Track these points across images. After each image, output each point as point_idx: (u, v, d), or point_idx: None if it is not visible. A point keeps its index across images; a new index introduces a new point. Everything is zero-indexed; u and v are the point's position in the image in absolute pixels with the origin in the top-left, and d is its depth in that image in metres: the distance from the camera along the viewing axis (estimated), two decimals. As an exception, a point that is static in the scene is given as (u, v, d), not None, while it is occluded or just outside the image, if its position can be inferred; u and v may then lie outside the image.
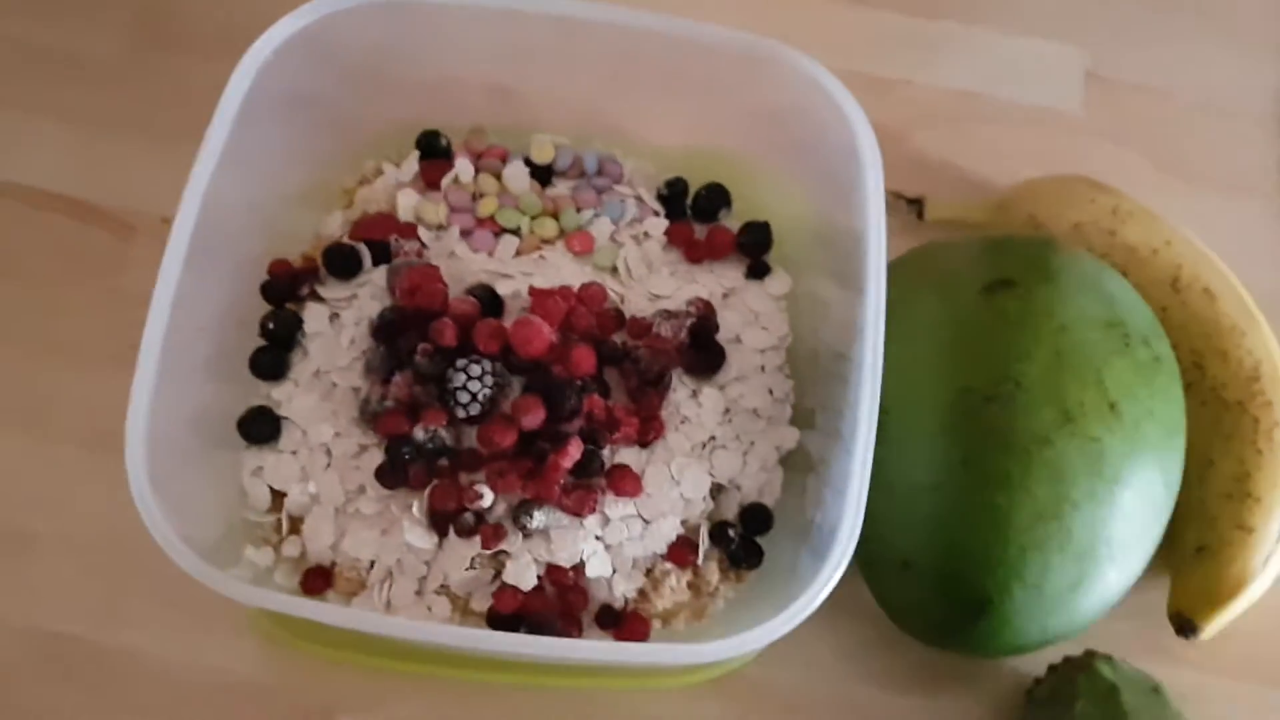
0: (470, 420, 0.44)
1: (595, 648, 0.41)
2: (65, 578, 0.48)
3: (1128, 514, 0.41)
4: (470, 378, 0.43)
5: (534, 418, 0.43)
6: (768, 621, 0.39)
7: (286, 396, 0.46)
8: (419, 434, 0.43)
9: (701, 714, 0.46)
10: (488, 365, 0.43)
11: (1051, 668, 0.45)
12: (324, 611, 0.40)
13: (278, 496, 0.45)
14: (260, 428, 0.45)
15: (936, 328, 0.43)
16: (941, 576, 0.41)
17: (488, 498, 0.43)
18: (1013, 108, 0.59)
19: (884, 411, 0.41)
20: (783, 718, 0.47)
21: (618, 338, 0.47)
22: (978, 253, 0.45)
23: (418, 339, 0.44)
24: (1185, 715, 0.43)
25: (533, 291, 0.46)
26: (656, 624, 0.45)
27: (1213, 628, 0.47)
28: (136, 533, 0.48)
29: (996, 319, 0.42)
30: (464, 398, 0.43)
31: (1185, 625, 0.47)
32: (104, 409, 0.50)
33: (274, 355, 0.46)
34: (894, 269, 0.47)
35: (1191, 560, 0.47)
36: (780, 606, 0.43)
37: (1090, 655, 0.44)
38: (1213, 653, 0.48)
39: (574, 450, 0.43)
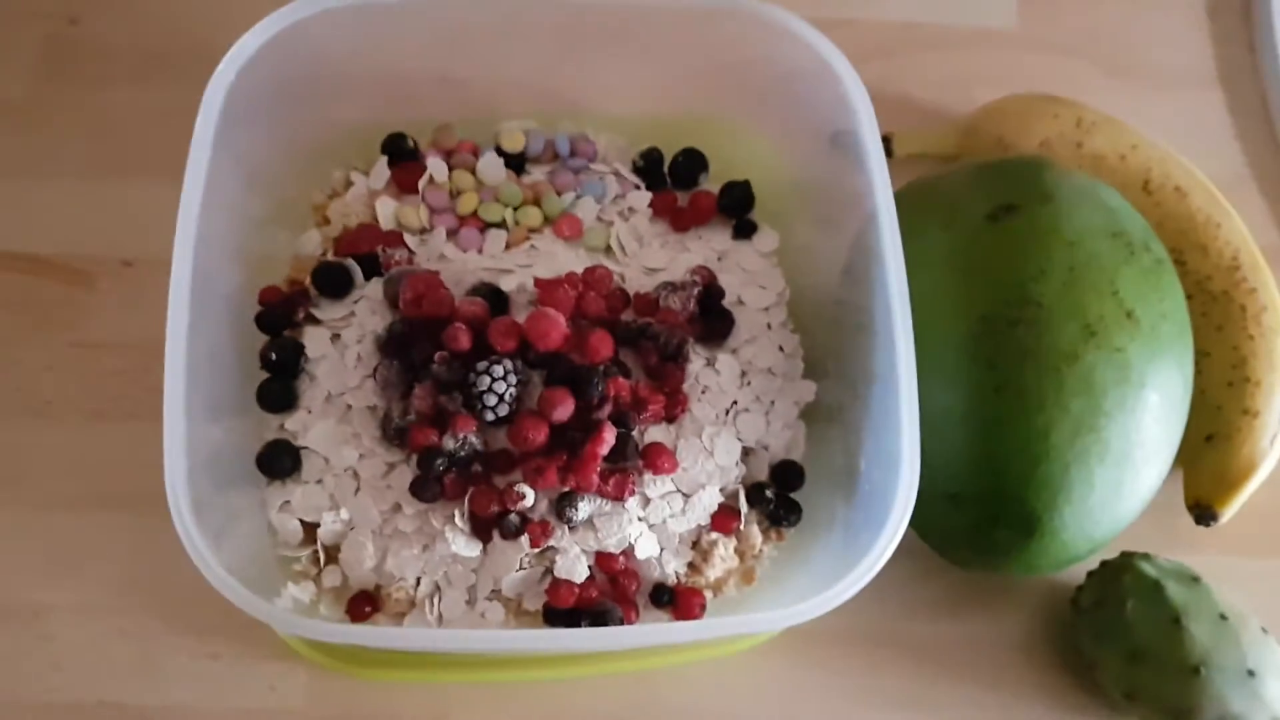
0: (499, 422, 0.43)
1: (660, 631, 0.41)
2: (91, 645, 0.46)
3: (1156, 415, 0.42)
4: (495, 379, 0.42)
5: (564, 410, 0.43)
6: (820, 578, 0.39)
7: (302, 426, 0.44)
8: (449, 443, 0.43)
9: (763, 673, 0.47)
10: (509, 364, 0.43)
11: (1090, 574, 0.47)
12: (383, 636, 0.40)
13: (309, 529, 0.44)
14: (281, 462, 0.44)
15: (946, 259, 0.43)
16: (990, 503, 0.42)
17: (530, 497, 0.43)
18: (953, 32, 0.60)
19: (907, 350, 0.42)
20: (843, 663, 0.47)
21: (625, 316, 0.47)
22: (972, 181, 0.45)
23: (430, 348, 0.43)
24: (1225, 597, 0.45)
25: (538, 283, 0.45)
26: (709, 594, 0.45)
27: (1229, 511, 0.49)
28: (159, 588, 0.47)
29: (1006, 243, 0.42)
30: (491, 400, 0.42)
31: (1204, 513, 0.49)
32: (96, 469, 0.49)
33: (281, 385, 0.45)
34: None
35: (1202, 449, 0.49)
36: (825, 558, 0.44)
37: (1128, 556, 0.46)
38: (1232, 535, 0.50)
39: (608, 436, 0.43)
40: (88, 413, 0.50)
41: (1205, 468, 0.49)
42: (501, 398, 0.42)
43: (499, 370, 0.42)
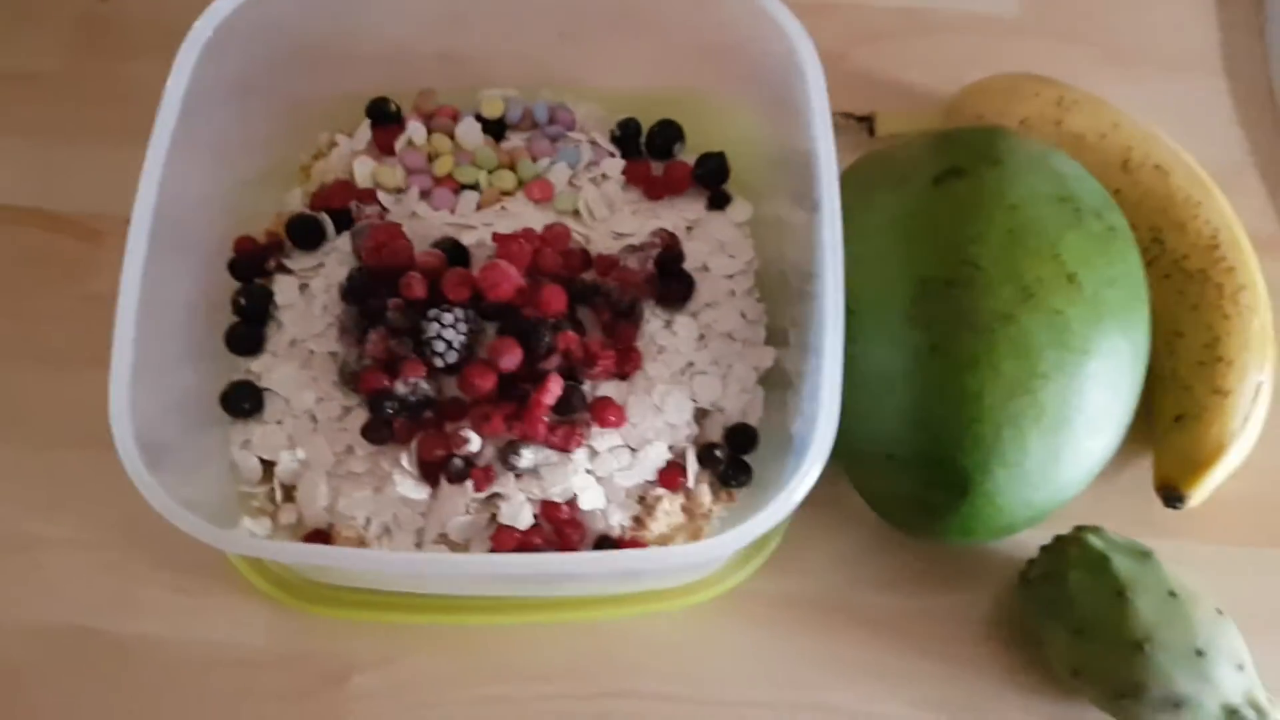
0: (449, 370, 0.45)
1: (584, 559, 0.41)
2: (77, 576, 0.48)
3: (1099, 382, 0.42)
4: (444, 326, 0.44)
5: (511, 359, 0.44)
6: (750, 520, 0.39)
7: (266, 368, 0.46)
8: (400, 388, 0.44)
9: (711, 631, 0.47)
10: (459, 313, 0.44)
11: (1043, 548, 0.46)
12: (334, 555, 0.41)
13: (269, 467, 0.46)
14: (243, 401, 0.46)
15: (891, 222, 0.43)
16: (923, 464, 0.42)
17: (474, 442, 0.44)
18: (953, 17, 0.60)
19: (850, 312, 0.42)
20: (791, 627, 0.47)
21: (586, 277, 0.48)
22: (926, 146, 0.45)
23: (388, 296, 0.45)
24: (1180, 578, 0.44)
25: (496, 237, 0.47)
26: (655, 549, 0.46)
27: (1199, 494, 0.47)
28: (141, 525, 0.48)
29: (948, 206, 0.43)
30: (440, 346, 0.44)
31: (1172, 495, 0.48)
32: (91, 410, 0.51)
33: (248, 330, 0.47)
34: (847, 175, 0.47)
35: (1171, 430, 0.48)
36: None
37: (1079, 529, 0.45)
38: (1203, 522, 0.49)
39: (554, 386, 0.44)
40: (89, 360, 0.52)
41: (1174, 448, 0.48)
42: (450, 344, 0.44)
43: (448, 317, 0.44)
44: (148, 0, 0.61)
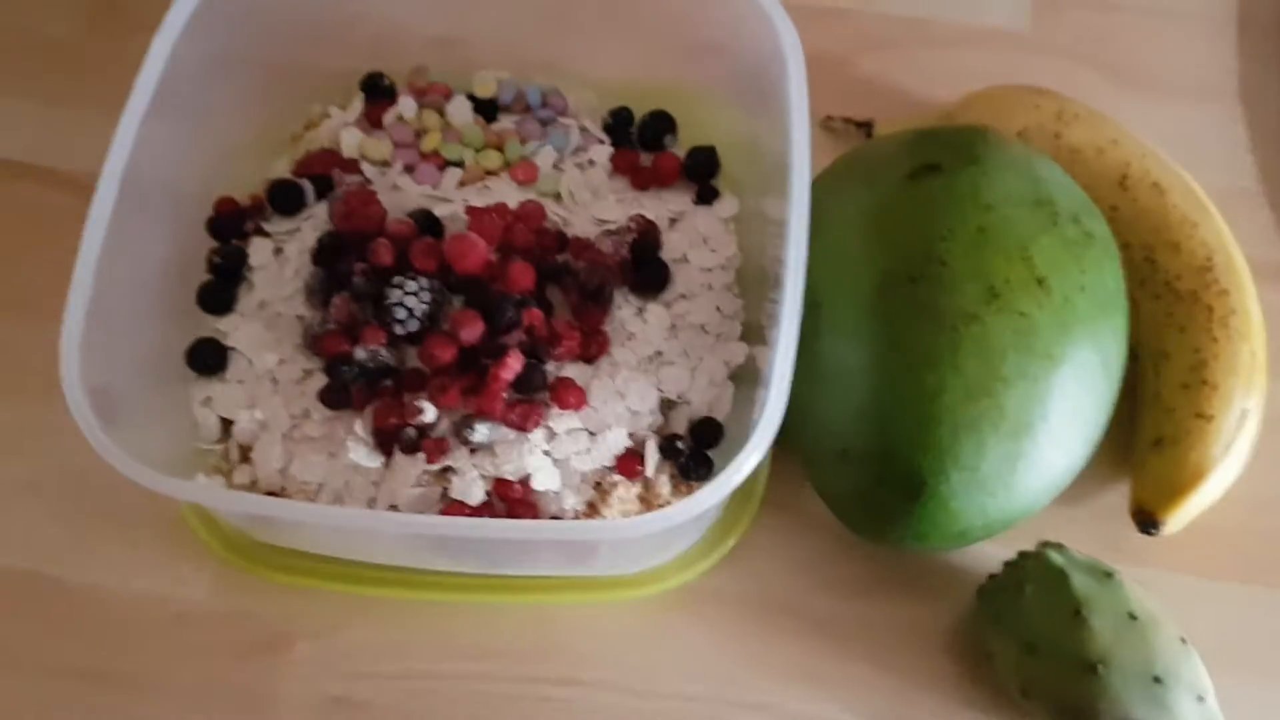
0: (410, 339, 0.44)
1: (516, 526, 0.40)
2: (32, 521, 0.49)
3: (1065, 391, 0.40)
4: (407, 294, 0.44)
5: (472, 331, 0.44)
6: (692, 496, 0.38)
7: (233, 327, 0.47)
8: (359, 354, 0.44)
9: (658, 624, 0.46)
10: (424, 282, 0.44)
11: (1006, 564, 0.45)
12: (265, 505, 0.41)
13: (228, 426, 0.46)
14: (207, 358, 0.46)
15: (862, 216, 0.43)
16: (877, 461, 0.41)
17: (429, 412, 0.44)
18: (962, 29, 0.59)
19: (815, 305, 0.41)
20: (740, 626, 0.46)
21: (561, 259, 0.48)
22: (906, 143, 0.45)
23: (356, 261, 0.45)
24: (1144, 602, 0.42)
25: (469, 210, 0.46)
26: (608, 537, 0.45)
27: (1175, 521, 0.46)
28: (99, 476, 0.49)
29: (920, 201, 0.42)
30: (401, 314, 0.44)
31: (1146, 520, 0.46)
32: (57, 358, 0.52)
33: (221, 289, 0.47)
34: (825, 171, 0.47)
35: (1151, 453, 0.46)
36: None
37: (1042, 544, 0.44)
38: (1179, 553, 0.47)
39: (514, 363, 0.44)
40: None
41: (1152, 472, 0.46)
42: (412, 313, 0.44)
43: (412, 285, 0.44)
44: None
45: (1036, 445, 0.40)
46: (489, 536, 0.38)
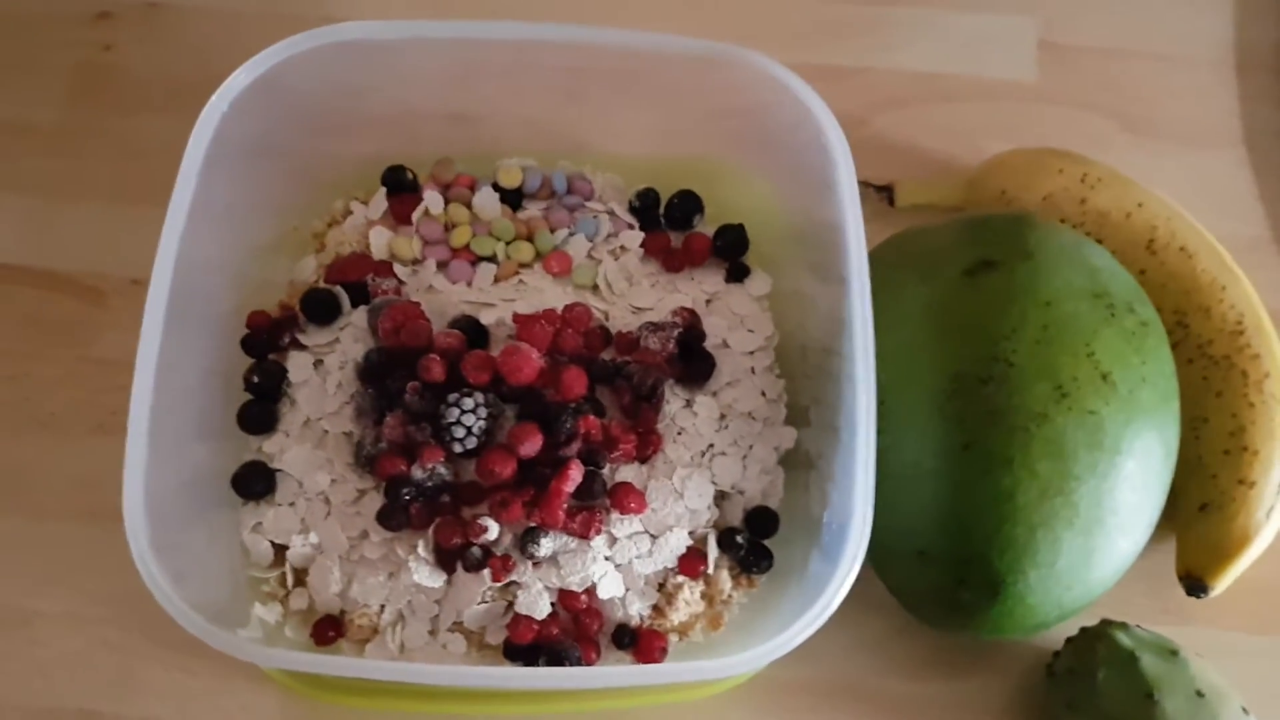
0: (468, 454, 0.44)
1: (614, 674, 0.40)
2: (75, 654, 0.47)
3: (1132, 482, 0.41)
4: (464, 411, 0.43)
5: (532, 445, 0.43)
6: (787, 628, 0.38)
7: (279, 449, 0.45)
8: (417, 473, 0.43)
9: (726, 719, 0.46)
10: (480, 397, 0.43)
11: (1069, 640, 0.45)
12: (336, 665, 0.40)
13: (280, 551, 0.45)
14: (255, 482, 0.45)
15: (922, 314, 0.43)
16: (954, 562, 0.41)
17: (493, 530, 0.43)
18: (971, 83, 0.59)
19: (879, 402, 0.41)
20: (806, 716, 0.46)
21: (606, 355, 0.47)
22: (956, 235, 0.45)
23: (406, 378, 0.44)
24: (1205, 673, 0.43)
25: (516, 318, 0.46)
26: (674, 637, 0.45)
27: (1222, 584, 0.47)
28: (143, 602, 0.47)
29: (981, 300, 0.42)
30: (459, 432, 0.43)
31: (1195, 584, 0.47)
32: (93, 481, 0.50)
33: (261, 408, 0.46)
34: (873, 257, 0.46)
35: (1196, 519, 0.47)
36: (795, 608, 0.43)
37: (1106, 624, 0.45)
38: (1224, 609, 0.49)
39: (575, 473, 0.43)
40: (90, 426, 0.52)
41: (1198, 538, 0.47)
42: (470, 430, 0.43)
43: (469, 403, 0.43)
44: (150, 51, 0.60)
45: (1108, 536, 0.41)
46: (609, 684, 0.37)
